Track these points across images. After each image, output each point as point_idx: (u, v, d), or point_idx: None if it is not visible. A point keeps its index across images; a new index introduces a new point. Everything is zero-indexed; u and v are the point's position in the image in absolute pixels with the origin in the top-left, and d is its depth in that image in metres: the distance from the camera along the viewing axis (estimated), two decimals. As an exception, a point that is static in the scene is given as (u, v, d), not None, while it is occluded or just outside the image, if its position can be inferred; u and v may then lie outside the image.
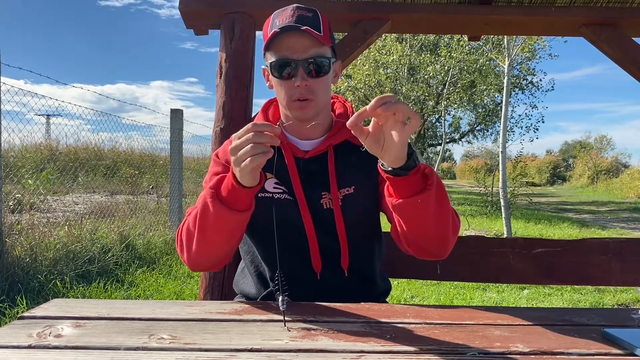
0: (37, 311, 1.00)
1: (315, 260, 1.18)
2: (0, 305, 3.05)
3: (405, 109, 0.88)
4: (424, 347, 0.83)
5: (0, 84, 3.53)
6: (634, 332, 0.89)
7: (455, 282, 4.27)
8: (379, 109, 0.87)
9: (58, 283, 3.56)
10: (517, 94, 13.94)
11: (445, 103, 13.47)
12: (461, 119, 17.97)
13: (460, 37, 10.16)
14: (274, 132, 0.92)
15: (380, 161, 0.99)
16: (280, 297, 0.95)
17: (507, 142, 7.22)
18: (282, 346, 0.82)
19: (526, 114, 12.81)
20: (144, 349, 0.81)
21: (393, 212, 1.06)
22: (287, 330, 0.90)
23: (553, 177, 38.26)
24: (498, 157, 7.74)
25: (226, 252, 1.14)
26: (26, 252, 3.69)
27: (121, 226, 5.02)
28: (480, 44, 11.38)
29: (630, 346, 0.83)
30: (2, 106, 3.60)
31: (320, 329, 0.90)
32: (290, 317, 0.96)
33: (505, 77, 7.01)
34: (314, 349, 0.81)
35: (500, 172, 7.13)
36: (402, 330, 0.92)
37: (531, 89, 14.07)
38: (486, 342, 0.85)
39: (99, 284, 3.77)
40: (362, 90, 12.28)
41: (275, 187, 1.19)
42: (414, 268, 1.66)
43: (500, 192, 7.28)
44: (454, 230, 1.10)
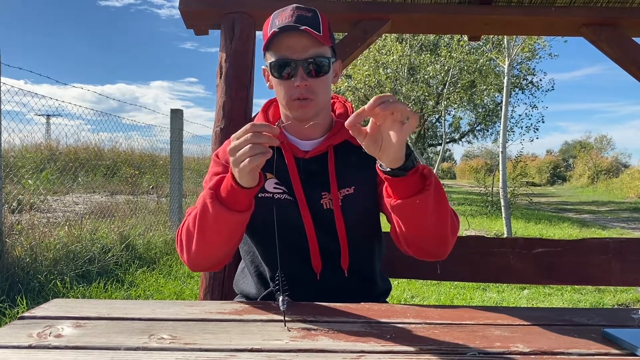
0: (37, 311, 1.00)
1: (315, 260, 1.18)
2: (1, 305, 3.05)
3: (403, 109, 0.88)
4: (424, 347, 0.83)
5: (1, 84, 3.53)
6: (634, 332, 0.89)
7: (456, 282, 4.27)
8: (377, 109, 0.87)
9: (58, 283, 3.56)
10: (517, 93, 13.93)
11: (446, 103, 13.45)
12: (461, 119, 17.97)
13: (460, 37, 10.16)
14: (272, 132, 0.92)
15: (379, 162, 0.99)
16: (280, 297, 0.95)
17: (507, 142, 7.23)
18: (282, 346, 0.82)
19: (526, 114, 12.79)
20: (144, 349, 0.81)
21: (392, 212, 1.06)
22: (287, 330, 0.90)
23: (553, 177, 38.26)
24: (498, 157, 7.74)
25: (226, 253, 1.14)
26: (26, 252, 3.69)
27: (121, 226, 5.02)
28: (480, 44, 11.37)
29: (631, 346, 0.83)
30: (2, 106, 3.60)
31: (321, 329, 0.90)
32: (290, 317, 0.96)
33: (505, 77, 7.01)
34: (314, 349, 0.81)
35: (501, 172, 7.13)
36: (402, 330, 0.92)
37: (531, 88, 14.07)
38: (486, 342, 0.85)
39: (99, 284, 3.78)
40: (362, 91, 12.27)
41: (275, 187, 1.19)
42: (414, 268, 1.66)
43: (500, 192, 7.28)
44: (453, 230, 1.10)
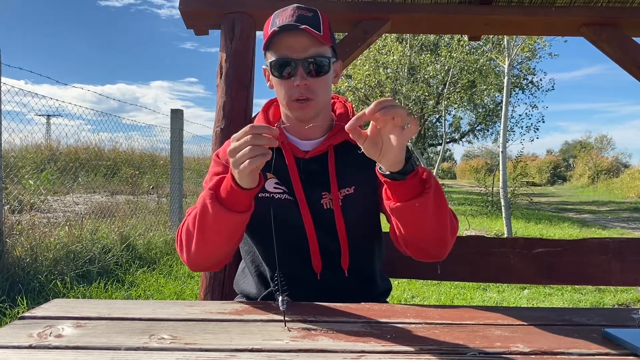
0: (38, 311, 1.00)
1: (315, 260, 1.18)
2: (1, 305, 3.05)
3: (403, 114, 0.88)
4: (425, 347, 0.83)
5: (1, 84, 3.53)
6: (634, 332, 0.89)
7: (456, 282, 4.27)
8: (377, 113, 0.87)
9: (58, 283, 3.56)
10: (517, 93, 13.94)
11: (446, 103, 13.46)
12: (461, 118, 17.99)
13: (461, 37, 10.16)
14: (272, 133, 0.92)
15: (378, 165, 0.99)
16: (280, 298, 0.95)
17: (507, 142, 7.23)
18: (283, 346, 0.82)
19: (526, 113, 12.80)
20: (145, 349, 0.81)
21: (391, 215, 1.06)
22: (288, 331, 0.90)
23: (553, 177, 38.25)
24: (498, 157, 7.73)
25: (226, 253, 1.14)
26: (27, 252, 3.69)
27: (121, 226, 5.02)
28: (480, 43, 11.37)
29: (631, 346, 0.83)
30: (2, 106, 3.60)
31: (321, 329, 0.90)
32: (290, 317, 0.96)
33: (506, 77, 7.00)
34: (314, 349, 0.81)
35: (501, 172, 7.12)
36: (403, 330, 0.92)
37: (531, 88, 14.07)
38: (486, 342, 0.85)
39: (99, 284, 3.78)
40: (363, 91, 12.27)
41: (275, 187, 1.19)
42: (414, 268, 1.65)
43: (500, 192, 7.27)
44: (452, 232, 1.10)
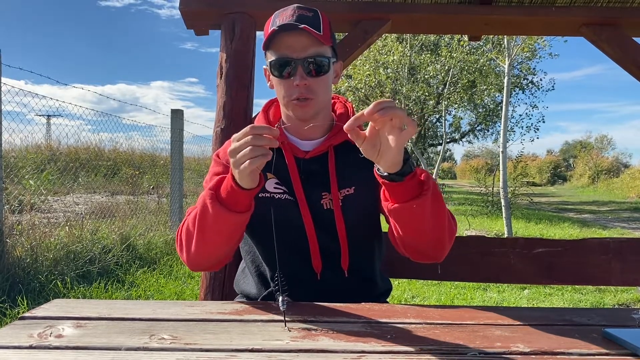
0: (38, 311, 1.00)
1: (315, 260, 1.18)
2: (1, 305, 3.05)
3: (402, 115, 0.88)
4: (425, 347, 0.83)
5: (1, 84, 3.53)
6: (634, 332, 0.89)
7: (456, 282, 4.27)
8: (376, 114, 0.87)
9: (59, 283, 3.56)
10: (517, 93, 13.93)
11: (446, 103, 13.45)
12: (462, 118, 17.96)
13: (461, 37, 10.16)
14: (272, 134, 0.92)
15: (376, 166, 0.99)
16: (280, 298, 0.95)
17: (507, 142, 7.23)
18: (283, 346, 0.82)
19: (527, 113, 12.80)
20: (145, 349, 0.81)
21: (389, 216, 1.06)
22: (288, 331, 0.90)
23: (554, 177, 38.26)
24: (499, 157, 7.73)
25: (226, 253, 1.14)
26: (27, 252, 3.69)
27: (122, 226, 5.02)
28: (480, 43, 11.37)
29: (631, 346, 0.83)
30: (2, 107, 3.60)
31: (321, 329, 0.91)
32: (290, 318, 0.96)
33: (506, 77, 7.00)
34: (314, 349, 0.81)
35: (501, 172, 7.12)
36: (403, 330, 0.92)
37: (531, 88, 14.05)
38: (487, 342, 0.85)
39: (99, 284, 3.78)
40: (363, 91, 12.27)
41: (275, 187, 1.19)
42: (415, 268, 1.65)
43: (500, 192, 7.27)
44: (450, 234, 1.10)
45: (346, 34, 1.99)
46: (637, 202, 16.54)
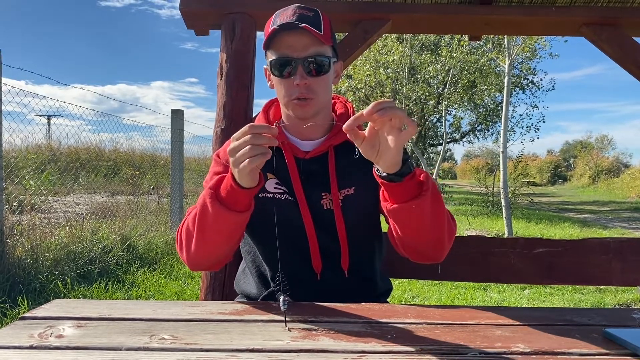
0: (39, 312, 1.00)
1: (315, 260, 1.18)
2: (2, 305, 3.05)
3: (401, 116, 0.88)
4: (425, 347, 0.83)
5: (1, 84, 3.53)
6: (635, 332, 0.89)
7: (456, 282, 4.27)
8: (375, 114, 0.87)
9: (59, 283, 3.56)
10: (517, 93, 13.92)
11: (446, 103, 13.45)
12: (462, 118, 17.98)
13: (461, 37, 10.16)
14: (271, 133, 0.92)
15: (376, 166, 0.99)
16: (281, 298, 0.95)
17: (507, 142, 7.22)
18: (283, 346, 0.82)
19: (527, 113, 12.80)
20: (145, 349, 0.81)
21: (388, 216, 1.06)
22: (288, 331, 0.90)
23: (554, 177, 38.25)
24: (499, 157, 7.73)
25: (226, 252, 1.14)
26: (27, 252, 3.69)
27: (122, 227, 5.03)
28: (480, 43, 11.37)
29: (632, 346, 0.83)
30: (3, 107, 3.60)
31: (321, 329, 0.91)
32: (291, 318, 0.96)
33: (506, 77, 7.00)
34: (315, 349, 0.81)
35: (501, 172, 7.12)
36: (403, 330, 0.92)
37: (532, 88, 14.05)
38: (487, 342, 0.85)
39: (100, 285, 3.78)
40: (363, 91, 12.27)
41: (275, 188, 1.19)
42: (415, 268, 1.64)
43: (501, 192, 7.27)
44: (450, 234, 1.10)
45: (346, 34, 1.99)
46: (638, 202, 16.53)
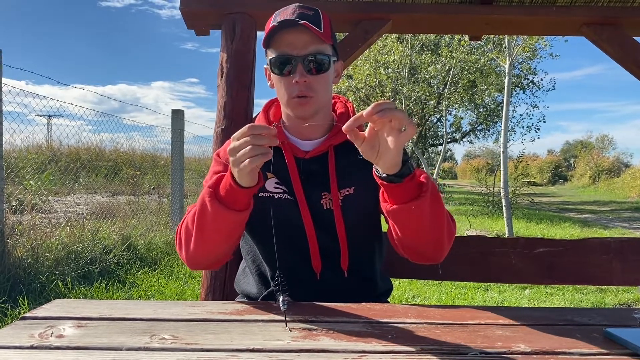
0: (39, 312, 1.00)
1: (315, 260, 1.18)
2: (2, 305, 3.05)
3: (401, 117, 0.88)
4: (426, 347, 0.83)
5: (2, 85, 3.54)
6: (636, 332, 0.89)
7: (457, 282, 4.27)
8: (375, 115, 0.87)
9: (59, 283, 3.56)
10: (518, 93, 13.91)
11: (447, 103, 13.45)
12: (462, 118, 17.96)
13: (461, 36, 10.16)
14: (270, 133, 0.93)
15: (375, 167, 0.99)
16: (280, 298, 0.95)
17: (508, 141, 7.21)
18: (284, 346, 0.82)
19: (527, 113, 12.79)
20: (146, 349, 0.81)
21: (388, 217, 1.06)
22: (289, 331, 0.90)
23: (554, 177, 38.25)
24: (499, 156, 7.73)
25: (225, 252, 1.14)
26: (28, 252, 3.69)
27: (123, 227, 5.03)
28: (481, 43, 11.36)
29: (633, 346, 0.82)
30: (3, 107, 3.60)
31: (322, 329, 0.90)
32: (291, 318, 0.96)
33: (506, 77, 7.00)
34: (315, 349, 0.81)
35: (502, 171, 7.11)
36: (404, 330, 0.92)
37: (532, 88, 14.04)
38: (488, 342, 0.85)
39: (100, 285, 3.78)
40: (363, 91, 12.26)
41: (275, 187, 1.19)
42: (415, 268, 1.64)
43: (501, 192, 7.27)
44: (449, 235, 1.10)
45: (347, 34, 1.99)
46: (638, 201, 16.52)
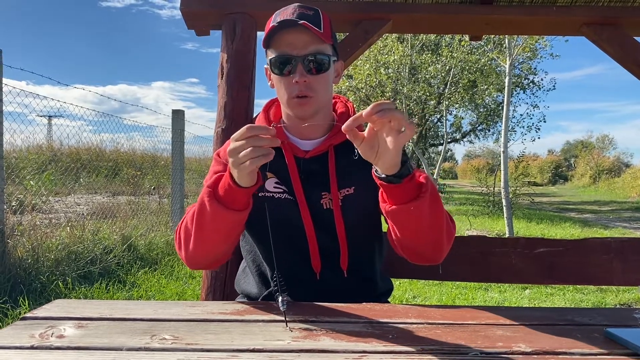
0: (40, 312, 1.00)
1: (314, 260, 1.18)
2: (3, 306, 3.05)
3: (400, 118, 0.88)
4: (426, 347, 0.83)
5: (2, 85, 3.54)
6: (636, 332, 0.89)
7: (457, 282, 4.26)
8: (374, 116, 0.88)
9: (60, 284, 3.57)
10: (518, 93, 13.91)
11: (447, 103, 13.44)
12: (463, 118, 17.96)
13: (462, 36, 10.15)
14: (269, 133, 0.93)
15: (374, 167, 0.99)
16: (280, 298, 0.95)
17: (508, 141, 7.21)
18: (284, 346, 0.82)
19: (528, 113, 12.79)
20: (146, 349, 0.81)
21: (387, 217, 1.06)
22: (289, 331, 0.90)
23: (555, 177, 38.27)
24: (500, 156, 7.72)
25: (224, 251, 1.14)
26: (28, 253, 3.69)
27: (123, 227, 5.03)
28: (481, 43, 11.36)
29: (633, 346, 0.82)
30: (4, 107, 3.61)
31: (322, 330, 0.90)
32: (292, 318, 0.96)
33: (507, 77, 7.00)
34: (316, 349, 0.81)
35: (502, 171, 7.11)
36: (404, 330, 0.92)
37: (532, 88, 14.04)
38: (488, 342, 0.85)
39: (100, 285, 3.78)
40: (364, 91, 12.26)
41: (275, 187, 1.19)
42: (416, 268, 1.63)
43: (502, 191, 7.27)
44: (449, 236, 1.10)
45: (347, 34, 1.99)
46: (639, 201, 16.51)
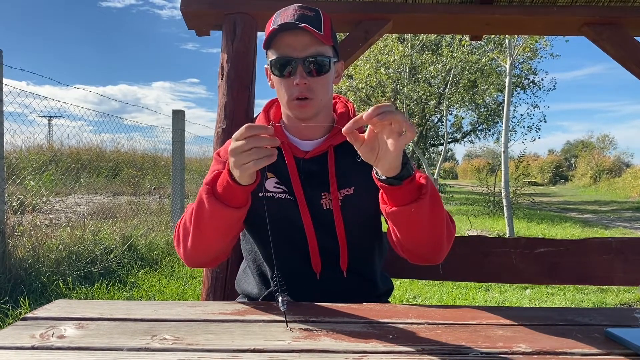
0: (40, 312, 1.00)
1: (315, 260, 1.18)
2: (3, 306, 3.05)
3: (401, 120, 0.88)
4: (427, 348, 0.83)
5: (3, 85, 3.54)
6: (637, 332, 0.89)
7: (458, 282, 4.26)
8: (375, 118, 0.88)
9: (60, 284, 3.57)
10: (518, 93, 13.91)
11: (447, 103, 13.45)
12: (463, 118, 17.96)
13: (462, 36, 10.15)
14: (268, 132, 0.93)
15: (375, 169, 0.99)
16: (280, 298, 0.95)
17: (509, 141, 7.21)
18: (285, 346, 0.82)
19: (528, 113, 12.80)
20: (147, 349, 0.81)
21: (387, 219, 1.06)
22: (290, 331, 0.90)
23: (555, 177, 38.26)
24: (500, 156, 7.72)
25: (222, 249, 1.14)
26: (29, 253, 3.69)
27: (123, 227, 5.03)
28: (481, 43, 11.36)
29: (634, 346, 0.82)
30: (4, 108, 3.61)
31: (323, 330, 0.90)
32: (292, 318, 0.96)
33: (507, 77, 6.99)
34: (316, 349, 0.81)
35: (503, 171, 7.11)
36: (405, 330, 0.92)
37: (533, 88, 14.04)
38: (489, 342, 0.85)
39: (101, 285, 3.78)
40: (364, 91, 12.26)
41: (275, 187, 1.19)
42: (416, 268, 1.64)
43: (502, 191, 7.26)
44: (449, 237, 1.10)
45: (347, 34, 1.99)
46: (639, 201, 16.50)
